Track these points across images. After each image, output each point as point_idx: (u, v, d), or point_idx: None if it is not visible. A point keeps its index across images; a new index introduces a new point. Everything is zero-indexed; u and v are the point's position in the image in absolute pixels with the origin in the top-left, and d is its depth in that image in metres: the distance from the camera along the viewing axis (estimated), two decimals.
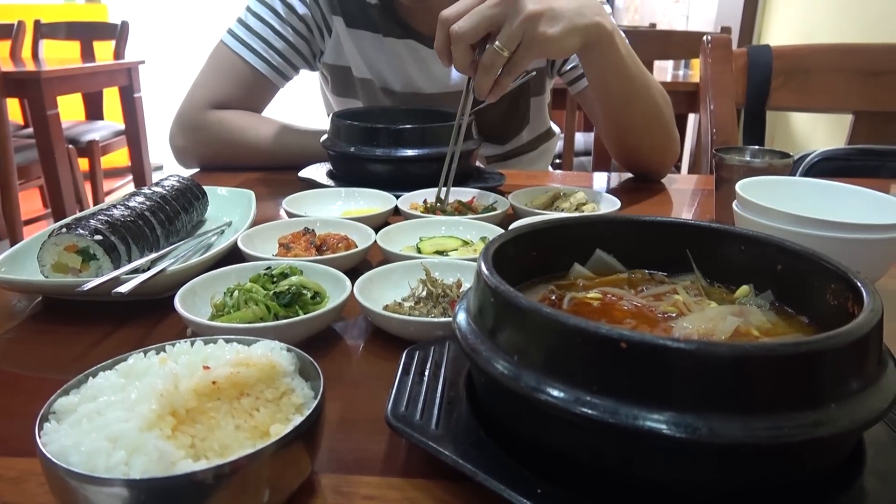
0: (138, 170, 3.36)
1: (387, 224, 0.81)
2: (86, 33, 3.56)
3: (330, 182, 0.99)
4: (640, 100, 1.04)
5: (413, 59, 1.21)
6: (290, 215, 0.83)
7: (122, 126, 3.35)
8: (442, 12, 0.82)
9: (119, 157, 3.57)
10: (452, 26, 0.80)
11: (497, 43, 0.80)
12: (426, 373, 0.46)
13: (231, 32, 1.17)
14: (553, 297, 0.47)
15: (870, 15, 2.15)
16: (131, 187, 3.47)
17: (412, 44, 1.19)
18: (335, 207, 0.91)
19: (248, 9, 1.18)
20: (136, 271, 0.62)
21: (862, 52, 1.35)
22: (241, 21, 1.18)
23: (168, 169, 4.29)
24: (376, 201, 0.90)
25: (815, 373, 0.32)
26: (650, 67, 2.28)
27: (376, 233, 0.75)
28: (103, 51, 3.53)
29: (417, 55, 1.20)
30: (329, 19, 1.19)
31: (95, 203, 3.26)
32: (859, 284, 0.38)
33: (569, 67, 1.22)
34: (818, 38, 2.51)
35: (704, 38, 1.35)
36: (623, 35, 0.98)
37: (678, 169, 2.85)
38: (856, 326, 0.33)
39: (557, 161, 2.57)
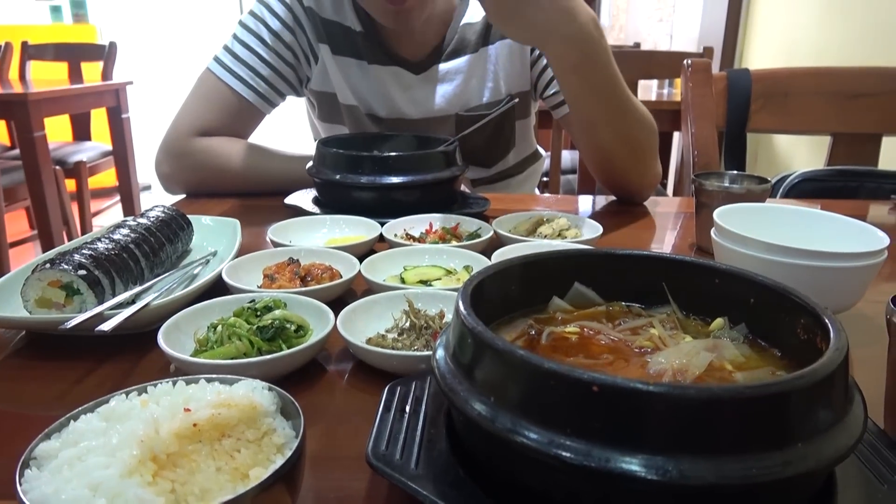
0: (126, 190, 3.35)
1: (372, 251, 0.81)
2: (74, 54, 3.56)
3: (315, 209, 1.00)
4: (615, 122, 1.03)
5: (398, 86, 1.22)
6: (275, 244, 0.83)
7: (109, 147, 3.35)
8: None
9: (107, 177, 3.56)
10: None
11: None
12: (407, 409, 0.46)
13: (217, 60, 1.18)
14: (532, 332, 0.48)
15: (849, 35, 2.20)
16: (119, 208, 3.46)
17: (397, 70, 1.21)
18: (320, 235, 0.91)
19: (235, 36, 1.19)
20: (120, 305, 0.62)
21: (839, 75, 1.38)
22: (227, 48, 1.19)
23: (156, 189, 4.28)
24: (361, 229, 0.90)
25: (782, 414, 0.32)
26: (634, 87, 2.31)
27: (362, 260, 0.75)
28: (91, 71, 3.53)
29: (402, 82, 1.22)
30: (315, 47, 1.21)
31: (82, 224, 3.25)
32: (826, 321, 0.39)
33: (552, 92, 1.23)
34: (799, 57, 2.56)
35: (685, 61, 1.38)
36: (597, 65, 0.97)
37: (664, 186, 2.88)
38: (821, 366, 0.34)
39: (545, 179, 2.59)
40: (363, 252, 0.82)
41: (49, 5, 4.91)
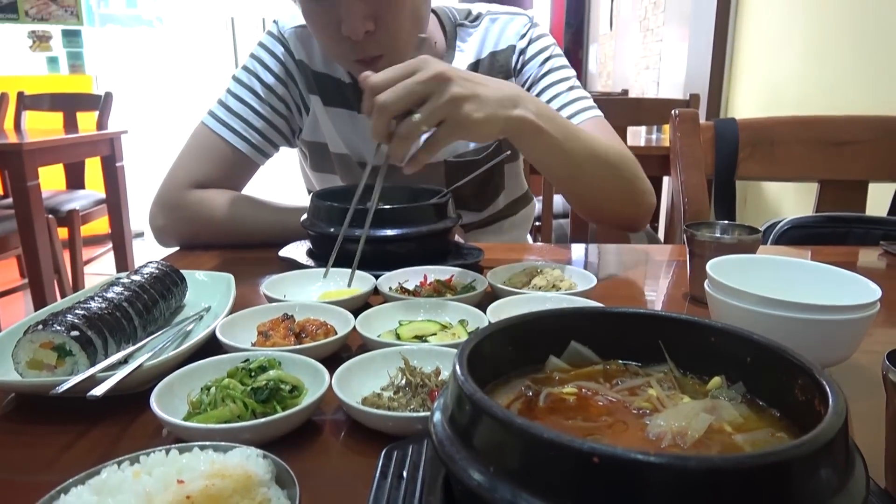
0: (118, 238, 3.35)
1: (367, 305, 0.81)
2: (69, 104, 3.60)
3: (310, 262, 1.00)
4: (585, 172, 1.03)
5: None
6: (270, 300, 0.83)
7: (102, 195, 3.36)
8: (370, 78, 0.81)
9: (100, 225, 3.56)
10: (378, 96, 0.79)
11: (417, 117, 0.80)
12: (404, 474, 0.46)
13: (211, 113, 1.20)
14: (529, 394, 0.48)
15: (829, 82, 2.25)
16: (111, 256, 3.44)
17: None
18: (315, 288, 0.91)
19: (229, 90, 1.22)
20: (112, 366, 0.61)
21: (823, 124, 1.41)
22: (221, 102, 1.21)
23: (148, 237, 4.29)
24: (356, 282, 0.90)
25: (784, 483, 0.32)
26: (623, 133, 2.34)
27: (357, 313, 0.75)
28: (86, 121, 3.57)
29: None
30: (307, 98, 1.23)
31: (73, 273, 3.24)
32: (823, 382, 0.39)
33: None
34: (782, 103, 2.61)
35: (673, 112, 1.41)
36: (557, 117, 0.98)
37: (655, 230, 2.90)
38: (821, 433, 0.34)
39: (537, 224, 2.61)
40: (358, 306, 0.82)
41: (46, 56, 4.99)
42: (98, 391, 0.55)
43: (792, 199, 2.51)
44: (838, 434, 0.35)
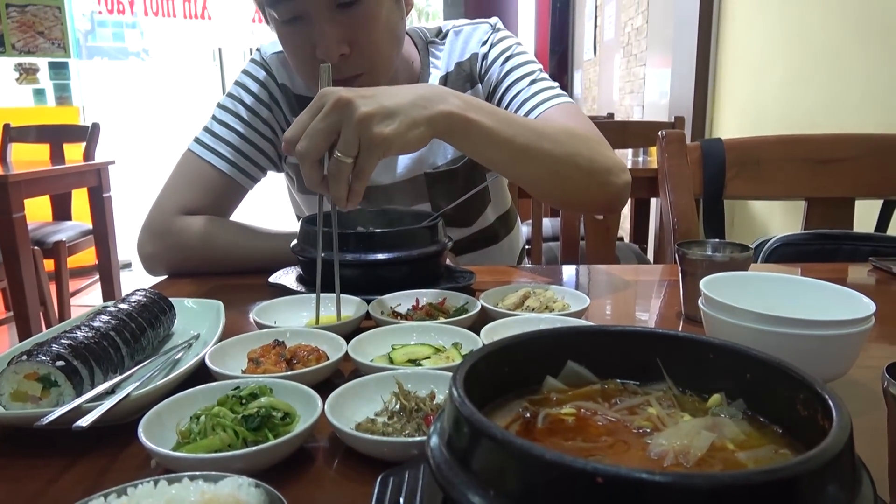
0: (105, 269, 3.31)
1: (359, 329, 0.80)
2: (56, 136, 3.58)
3: (300, 287, 0.99)
4: (533, 155, 0.98)
5: None
6: (260, 326, 0.82)
7: (89, 226, 3.33)
8: (284, 135, 0.81)
9: (87, 256, 3.53)
10: (296, 147, 0.79)
11: (337, 152, 0.79)
12: (401, 501, 0.44)
13: (197, 140, 1.20)
14: (527, 415, 0.47)
15: (812, 103, 2.29)
16: (98, 287, 3.41)
17: None
18: (306, 314, 0.90)
19: (214, 117, 1.22)
20: (98, 396, 0.60)
21: (808, 143, 1.43)
22: (206, 129, 1.21)
23: (136, 267, 4.25)
24: (348, 307, 0.89)
25: (792, 500, 0.31)
26: None
27: (349, 338, 0.74)
28: (73, 152, 3.55)
29: None
30: (290, 121, 1.23)
31: (59, 305, 3.19)
32: (826, 396, 0.39)
33: None
34: (766, 124, 2.65)
35: (660, 133, 1.42)
36: (487, 105, 0.94)
37: (644, 251, 2.91)
38: (827, 447, 0.33)
39: (527, 247, 2.61)
40: (350, 331, 0.81)
41: (32, 88, 4.99)
42: (84, 422, 0.53)
43: (779, 218, 2.53)
44: (845, 448, 0.34)
